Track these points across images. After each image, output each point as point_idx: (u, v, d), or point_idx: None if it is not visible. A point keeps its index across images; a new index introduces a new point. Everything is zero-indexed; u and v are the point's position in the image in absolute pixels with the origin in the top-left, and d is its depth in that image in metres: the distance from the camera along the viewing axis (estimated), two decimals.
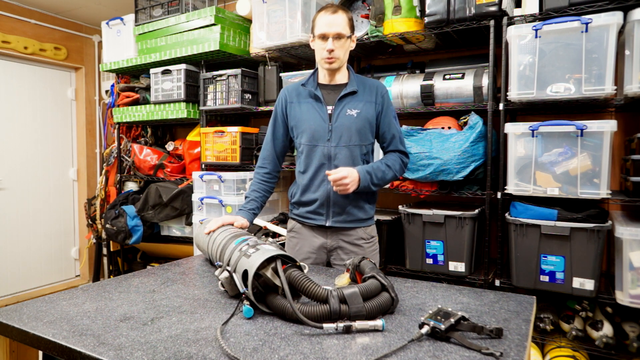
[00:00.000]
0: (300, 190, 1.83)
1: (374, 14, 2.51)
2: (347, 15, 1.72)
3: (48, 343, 0.99)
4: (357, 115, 1.74)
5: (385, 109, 1.79)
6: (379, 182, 1.72)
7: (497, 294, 1.31)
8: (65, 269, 4.51)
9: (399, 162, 1.80)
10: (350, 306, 1.03)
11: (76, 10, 4.11)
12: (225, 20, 3.03)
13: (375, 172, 1.71)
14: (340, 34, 1.68)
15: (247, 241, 1.26)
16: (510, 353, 0.90)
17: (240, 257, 1.18)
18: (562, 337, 2.16)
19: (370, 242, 1.84)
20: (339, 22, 1.69)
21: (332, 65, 1.72)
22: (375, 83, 1.82)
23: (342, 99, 1.75)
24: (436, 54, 2.83)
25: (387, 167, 1.75)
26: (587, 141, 1.96)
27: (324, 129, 1.75)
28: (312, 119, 1.77)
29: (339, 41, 1.69)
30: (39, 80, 4.25)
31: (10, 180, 4.05)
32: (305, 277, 1.09)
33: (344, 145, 1.74)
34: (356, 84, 1.77)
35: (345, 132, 1.74)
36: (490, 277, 2.25)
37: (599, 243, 1.94)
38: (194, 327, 1.04)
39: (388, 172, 1.75)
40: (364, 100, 1.76)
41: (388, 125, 1.80)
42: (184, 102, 3.22)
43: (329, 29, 1.68)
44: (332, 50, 1.68)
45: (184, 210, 3.32)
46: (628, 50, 1.90)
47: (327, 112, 1.76)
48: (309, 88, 1.80)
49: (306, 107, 1.79)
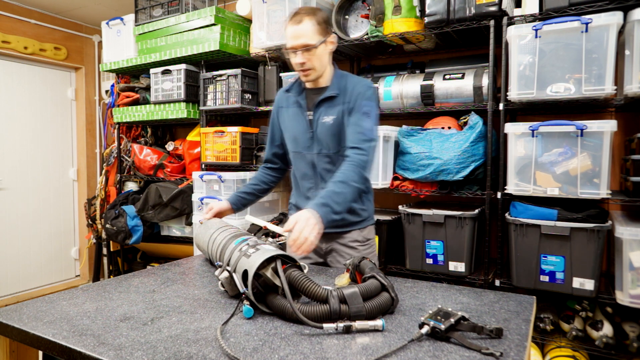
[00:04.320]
0: (294, 195, 1.83)
1: (374, 14, 2.51)
2: (315, 21, 1.55)
3: (48, 343, 0.99)
4: (332, 122, 1.63)
5: (356, 106, 1.59)
6: (342, 209, 1.44)
7: (497, 294, 1.31)
8: (65, 269, 4.51)
9: (353, 170, 1.50)
10: (350, 306, 1.03)
11: (76, 10, 4.11)
12: (225, 20, 3.03)
13: (333, 198, 1.41)
14: (307, 45, 1.54)
15: (247, 241, 1.25)
16: (510, 353, 0.90)
17: (240, 257, 1.17)
18: (562, 337, 2.16)
19: (366, 245, 1.76)
20: (304, 32, 1.54)
21: (308, 78, 1.62)
22: (354, 82, 1.64)
23: (319, 105, 1.65)
24: (436, 54, 2.83)
25: (342, 184, 1.46)
26: (587, 141, 1.96)
27: (305, 137, 1.69)
28: (296, 126, 1.71)
29: (308, 52, 1.56)
30: (39, 80, 4.25)
31: (10, 181, 4.05)
32: (305, 277, 1.09)
33: (325, 154, 1.66)
34: (336, 86, 1.64)
35: (324, 140, 1.65)
36: (490, 277, 2.25)
37: (599, 243, 1.94)
38: (194, 327, 1.04)
39: (346, 189, 1.46)
40: (340, 104, 1.63)
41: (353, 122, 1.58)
42: (184, 102, 3.22)
43: (295, 42, 1.55)
44: (302, 63, 1.57)
45: (184, 210, 3.32)
46: (628, 50, 1.90)
47: (308, 118, 1.68)
48: (293, 94, 1.73)
49: (292, 114, 1.73)
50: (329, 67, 1.67)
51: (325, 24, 1.60)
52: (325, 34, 1.59)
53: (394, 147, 2.53)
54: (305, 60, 1.57)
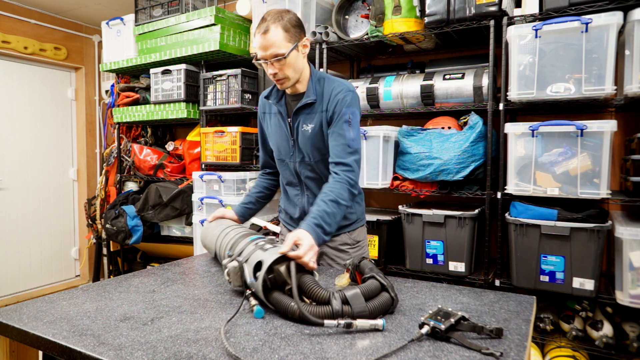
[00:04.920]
0: (282, 199, 1.82)
1: (374, 14, 2.51)
2: (281, 28, 1.45)
3: (48, 343, 0.99)
4: (311, 131, 1.58)
5: (338, 114, 1.52)
6: (331, 230, 1.43)
7: (497, 294, 1.31)
8: (65, 269, 4.51)
9: (345, 188, 1.48)
10: (353, 307, 1.04)
11: (76, 10, 4.11)
12: (225, 20, 3.03)
13: (325, 219, 1.40)
14: (276, 54, 1.46)
15: (263, 239, 1.29)
16: (510, 353, 0.90)
17: (256, 250, 1.19)
18: (562, 337, 2.16)
19: (356, 247, 1.72)
20: (272, 42, 1.45)
21: (284, 86, 1.55)
22: (333, 86, 1.57)
23: (298, 112, 1.59)
24: (436, 54, 2.83)
25: (335, 204, 1.44)
26: (587, 141, 1.96)
27: (287, 145, 1.65)
28: (278, 134, 1.68)
29: (279, 62, 1.48)
30: (39, 80, 4.25)
31: (10, 180, 4.05)
32: (315, 282, 1.11)
33: (307, 162, 1.63)
34: (314, 92, 1.57)
35: (304, 149, 1.61)
36: (490, 277, 2.25)
37: (599, 243, 1.94)
38: (194, 327, 1.04)
39: (337, 209, 1.44)
40: (318, 111, 1.57)
41: (336, 132, 1.52)
42: (184, 102, 3.22)
43: (264, 52, 1.48)
44: (275, 73, 1.50)
45: (184, 210, 3.32)
46: (628, 50, 1.90)
47: (289, 126, 1.64)
48: (272, 100, 1.67)
49: (273, 121, 1.69)
50: (305, 69, 1.58)
51: (295, 28, 1.49)
52: (295, 39, 1.49)
53: (394, 147, 2.53)
54: (277, 70, 1.49)
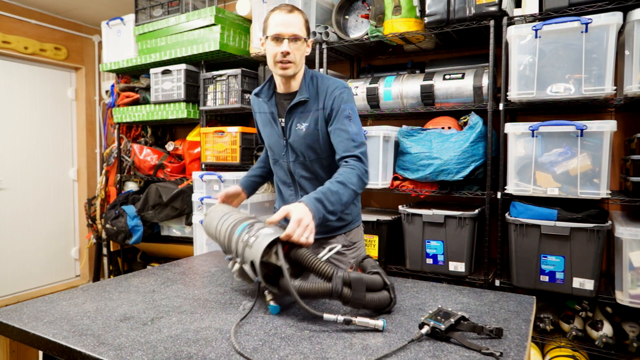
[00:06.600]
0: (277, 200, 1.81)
1: (374, 14, 2.51)
2: (303, 17, 1.53)
3: (48, 343, 0.99)
4: (305, 130, 1.56)
5: (337, 110, 1.52)
6: (335, 208, 1.33)
7: (497, 294, 1.31)
8: (65, 269, 4.51)
9: (355, 174, 1.42)
10: (353, 291, 1.04)
11: (76, 10, 4.11)
12: (225, 20, 3.03)
13: (327, 196, 1.32)
14: (297, 35, 1.49)
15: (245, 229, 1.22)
16: (510, 353, 0.90)
17: (244, 249, 1.18)
18: (562, 337, 2.16)
19: (352, 249, 1.71)
20: (295, 23, 1.49)
21: (287, 72, 1.52)
22: (328, 83, 1.57)
23: (292, 111, 1.58)
24: (436, 54, 2.83)
25: (341, 184, 1.37)
26: (587, 141, 1.96)
27: (280, 145, 1.64)
28: (270, 133, 1.67)
29: (295, 44, 1.49)
30: (39, 81, 4.25)
31: (10, 180, 4.05)
32: (311, 254, 1.09)
33: (300, 162, 1.62)
34: (307, 91, 1.57)
35: (298, 148, 1.60)
36: (490, 277, 2.25)
37: (599, 243, 1.94)
38: (194, 327, 1.04)
39: (344, 190, 1.36)
40: (313, 109, 1.56)
41: (338, 128, 1.51)
42: (184, 102, 3.22)
43: (284, 29, 1.47)
44: (287, 52, 1.48)
45: (184, 210, 3.32)
46: (628, 50, 1.90)
47: (281, 126, 1.62)
48: (263, 99, 1.65)
49: (265, 120, 1.68)
50: (303, 68, 1.60)
51: (308, 24, 1.57)
52: (308, 34, 1.56)
53: (394, 147, 2.53)
54: (291, 50, 1.49)
